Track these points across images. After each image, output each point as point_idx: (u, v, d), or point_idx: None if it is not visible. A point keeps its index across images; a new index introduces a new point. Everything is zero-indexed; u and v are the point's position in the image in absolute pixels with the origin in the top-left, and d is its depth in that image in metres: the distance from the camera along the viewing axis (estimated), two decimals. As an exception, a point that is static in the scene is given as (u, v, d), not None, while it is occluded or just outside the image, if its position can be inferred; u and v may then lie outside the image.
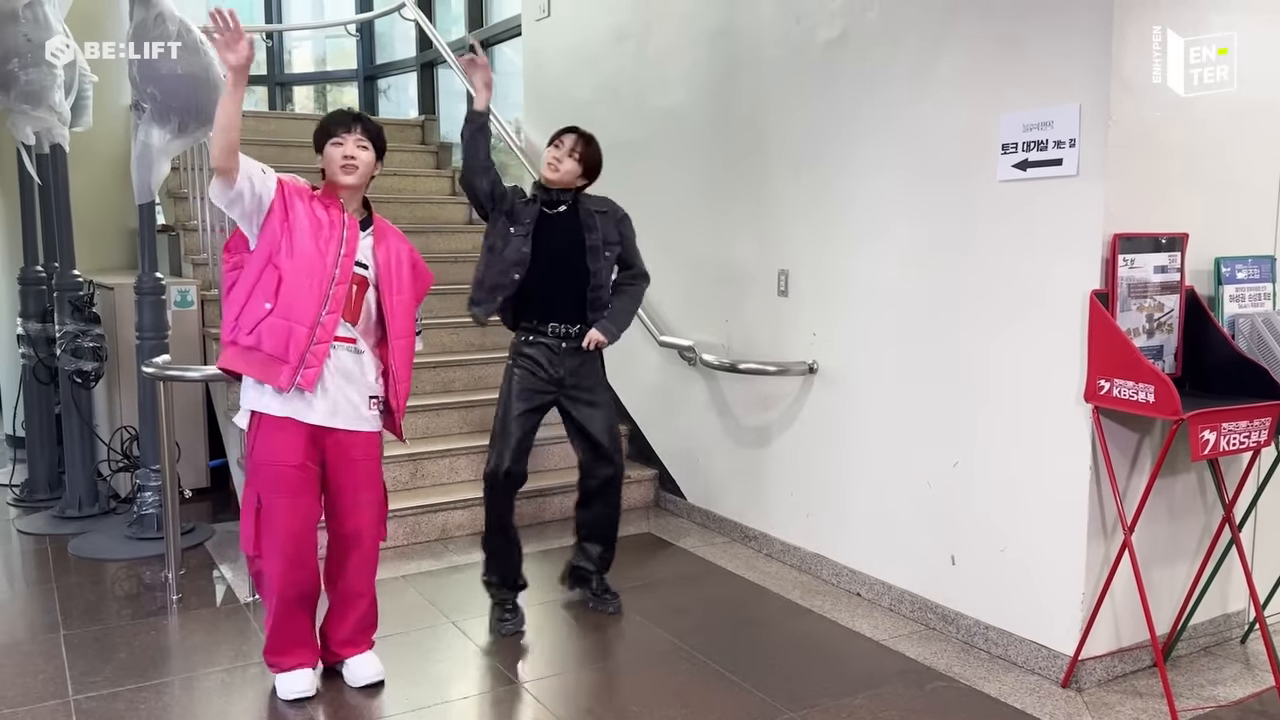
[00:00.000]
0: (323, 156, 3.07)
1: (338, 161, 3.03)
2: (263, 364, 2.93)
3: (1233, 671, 3.37)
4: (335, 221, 3.02)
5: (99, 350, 4.91)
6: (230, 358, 2.98)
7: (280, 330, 2.92)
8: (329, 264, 2.97)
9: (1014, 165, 3.26)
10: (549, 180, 3.67)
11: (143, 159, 4.34)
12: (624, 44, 5.33)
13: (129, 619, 3.77)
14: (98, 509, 5.03)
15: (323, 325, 2.96)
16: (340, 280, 2.99)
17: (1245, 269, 3.30)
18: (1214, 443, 2.86)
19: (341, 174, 3.03)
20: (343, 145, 3.03)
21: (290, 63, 9.73)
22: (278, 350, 2.92)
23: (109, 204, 6.25)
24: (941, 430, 3.61)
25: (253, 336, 2.93)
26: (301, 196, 3.02)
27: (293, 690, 3.15)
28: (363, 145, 3.05)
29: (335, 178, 3.04)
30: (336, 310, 2.99)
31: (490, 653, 3.53)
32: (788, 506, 4.38)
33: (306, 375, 2.94)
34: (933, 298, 3.62)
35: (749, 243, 4.48)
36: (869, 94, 3.85)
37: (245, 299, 2.95)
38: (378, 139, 3.12)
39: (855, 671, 3.36)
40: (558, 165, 3.65)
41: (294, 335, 2.92)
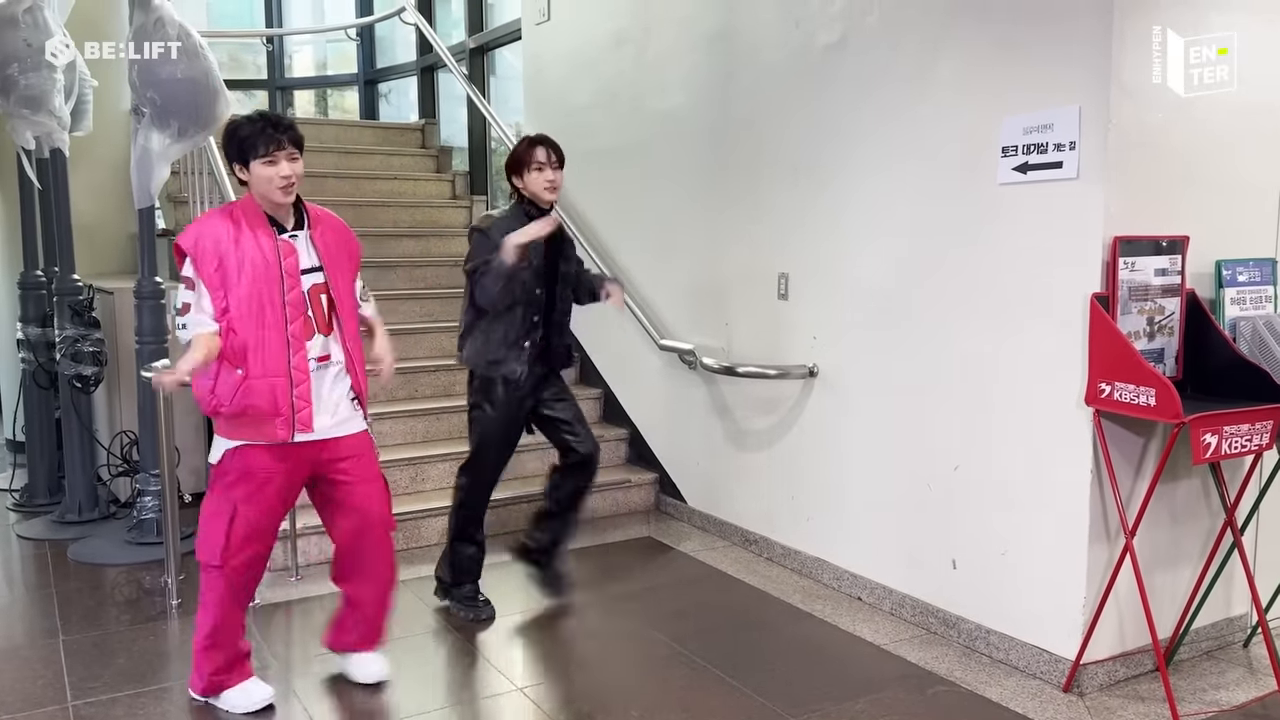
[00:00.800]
0: (246, 171, 2.89)
1: (274, 183, 2.87)
2: (254, 424, 2.89)
3: (1235, 675, 3.36)
4: (269, 251, 2.88)
5: (99, 355, 4.91)
6: (224, 428, 2.94)
7: (261, 389, 2.86)
8: (278, 306, 2.87)
9: (1014, 168, 3.26)
10: (551, 203, 3.65)
11: (142, 163, 4.34)
12: (623, 48, 5.33)
13: (128, 624, 3.76)
14: (97, 514, 5.03)
15: (296, 368, 2.91)
16: (294, 317, 2.90)
17: (1246, 272, 3.29)
18: (1215, 446, 2.85)
19: (281, 195, 2.89)
20: (277, 165, 2.86)
21: (291, 67, 9.74)
22: (266, 408, 2.87)
23: (109, 208, 6.24)
24: (942, 434, 3.60)
25: (235, 404, 2.87)
26: (224, 241, 2.84)
27: (258, 699, 3.08)
28: (294, 158, 2.91)
29: (271, 197, 2.89)
30: (301, 348, 2.91)
31: (489, 657, 3.52)
32: (789, 510, 4.37)
33: (302, 418, 2.92)
34: (933, 301, 3.61)
35: (749, 246, 4.48)
36: (869, 97, 3.84)
37: (216, 370, 2.87)
38: (303, 144, 2.96)
39: (856, 676, 3.34)
40: (554, 185, 3.63)
41: (276, 389, 2.88)
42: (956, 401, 3.54)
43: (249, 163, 2.88)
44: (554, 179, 3.62)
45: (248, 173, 2.90)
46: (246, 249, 2.86)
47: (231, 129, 2.91)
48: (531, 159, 3.60)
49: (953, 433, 3.56)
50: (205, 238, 2.84)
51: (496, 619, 3.81)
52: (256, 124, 2.87)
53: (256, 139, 2.85)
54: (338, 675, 3.32)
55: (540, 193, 3.60)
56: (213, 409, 2.91)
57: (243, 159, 2.89)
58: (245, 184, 2.95)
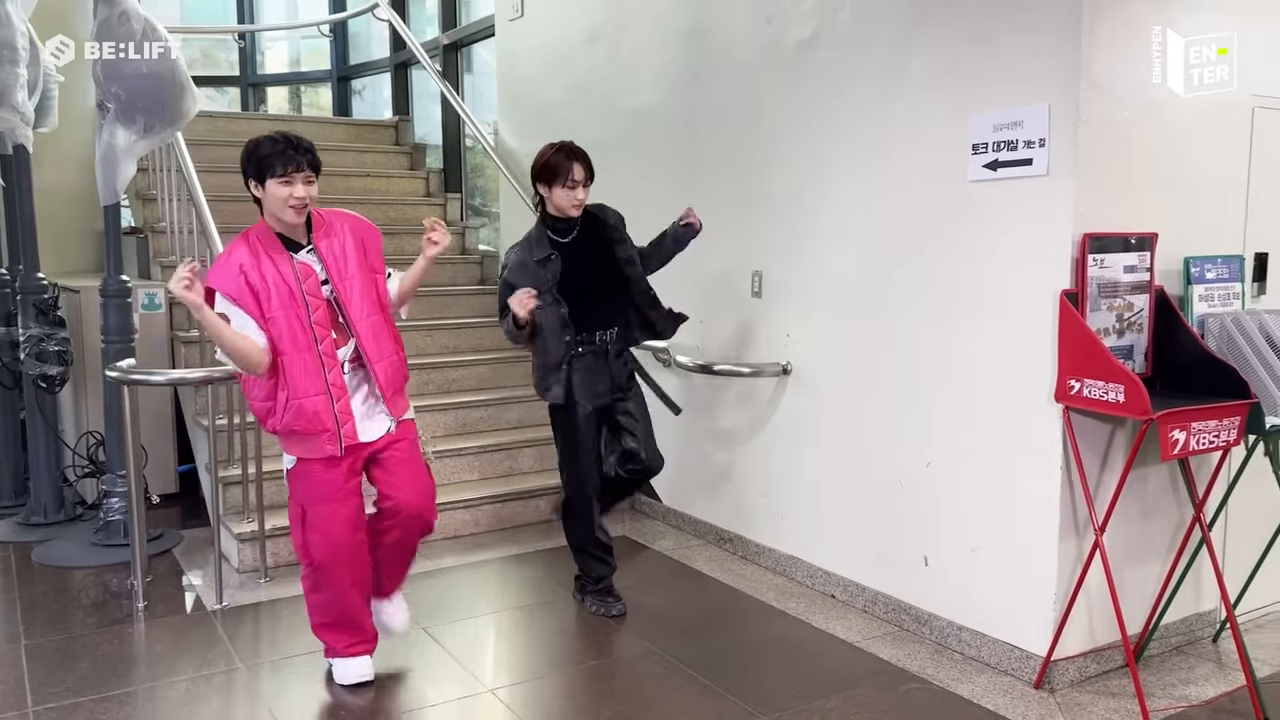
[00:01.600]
0: (261, 189, 2.96)
1: (287, 202, 2.94)
2: (303, 441, 3.03)
3: (1205, 671, 3.38)
4: (289, 277, 2.98)
5: (64, 354, 4.83)
6: (283, 443, 3.12)
7: (307, 409, 2.98)
8: (307, 327, 2.98)
9: (984, 165, 3.26)
10: (572, 216, 3.64)
11: (107, 160, 4.28)
12: (597, 44, 5.30)
13: (93, 628, 3.71)
14: (63, 515, 4.96)
15: (333, 384, 3.02)
16: (322, 336, 3.00)
17: (1214, 269, 3.30)
18: (1184, 442, 2.86)
19: (293, 215, 2.97)
20: (292, 185, 2.93)
21: (263, 63, 9.64)
22: (313, 426, 2.99)
23: (74, 205, 6.16)
24: (914, 431, 3.60)
25: (286, 424, 3.01)
26: (252, 270, 2.94)
27: (352, 676, 3.22)
28: (310, 181, 2.98)
29: (283, 216, 2.97)
30: (335, 364, 3.03)
31: (460, 659, 3.48)
32: (762, 508, 4.36)
33: (347, 430, 3.03)
34: (905, 298, 3.61)
35: (723, 244, 4.46)
36: (841, 94, 3.83)
37: (273, 391, 3.01)
38: (320, 168, 3.05)
39: (828, 674, 3.34)
40: (582, 203, 3.63)
41: (319, 407, 2.99)
42: (928, 398, 3.54)
43: (265, 181, 2.94)
44: (583, 198, 3.62)
45: (262, 190, 2.95)
46: (269, 275, 2.95)
47: (252, 146, 2.97)
48: (567, 174, 3.56)
49: (924, 430, 3.56)
50: (233, 270, 2.94)
51: (469, 619, 3.79)
52: (278, 144, 2.93)
53: (275, 159, 2.92)
54: (308, 678, 3.29)
55: (568, 209, 3.60)
56: (272, 428, 3.08)
57: (259, 177, 2.95)
58: (259, 203, 3.02)
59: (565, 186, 3.56)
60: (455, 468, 5.01)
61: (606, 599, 3.84)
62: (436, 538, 4.68)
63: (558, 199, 3.59)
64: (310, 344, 2.98)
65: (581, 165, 3.58)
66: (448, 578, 4.26)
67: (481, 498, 4.84)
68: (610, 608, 3.81)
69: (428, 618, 3.80)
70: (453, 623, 3.77)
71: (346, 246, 3.10)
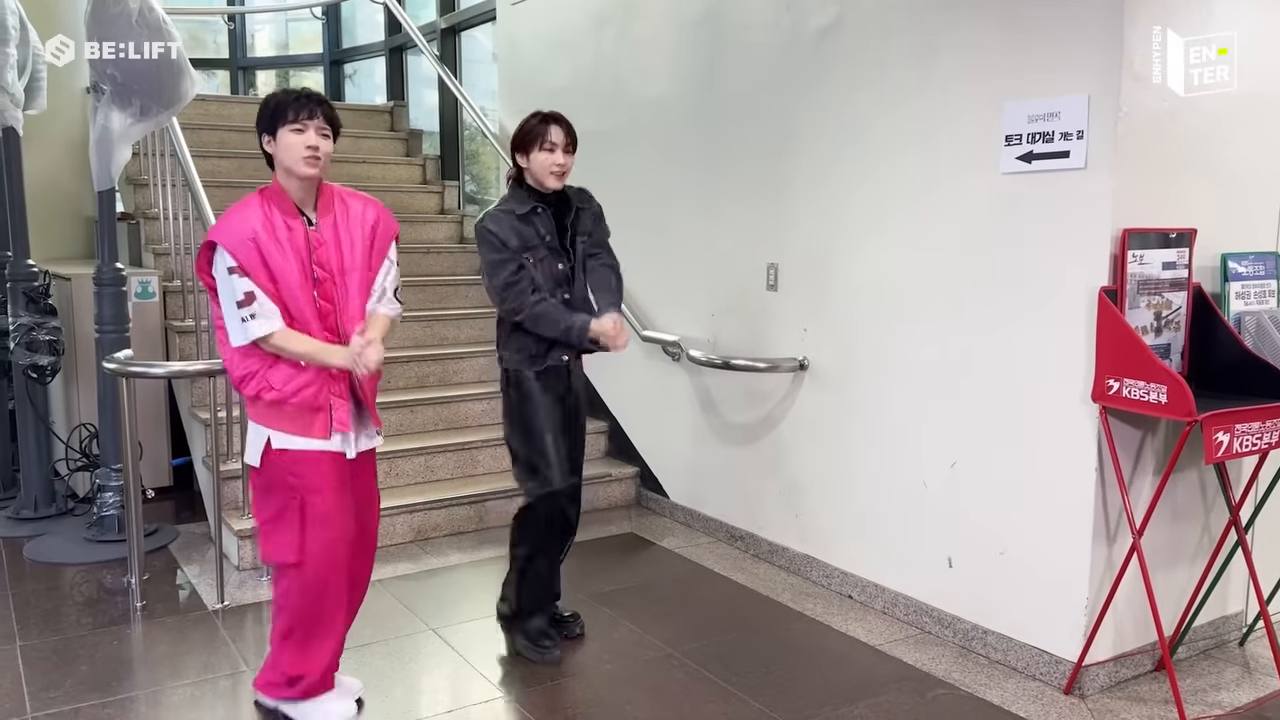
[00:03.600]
0: (273, 140, 2.75)
1: (299, 151, 2.71)
2: (293, 416, 2.76)
3: (1233, 675, 3.32)
4: (299, 241, 2.75)
5: (55, 344, 4.69)
6: (260, 414, 2.79)
7: (310, 379, 2.75)
8: (312, 300, 2.76)
9: (1018, 157, 3.17)
10: (553, 190, 3.28)
11: (102, 143, 4.13)
12: (604, 30, 5.18)
13: (90, 628, 3.58)
14: (55, 510, 4.82)
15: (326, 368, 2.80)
16: (325, 313, 2.78)
17: (1249, 265, 3.23)
18: (1227, 445, 2.78)
19: (304, 165, 2.72)
20: (305, 133, 2.72)
21: (253, 46, 9.45)
22: (308, 400, 2.75)
23: (65, 190, 6.00)
24: (939, 429, 3.52)
25: (281, 391, 2.74)
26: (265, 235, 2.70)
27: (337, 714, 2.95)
28: (325, 133, 2.76)
29: (295, 168, 2.73)
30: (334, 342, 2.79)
31: (473, 663, 3.38)
32: (776, 506, 4.27)
33: (339, 416, 2.80)
34: (930, 293, 3.52)
35: (736, 236, 4.36)
36: (865, 83, 3.73)
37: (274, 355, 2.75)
38: (337, 127, 2.83)
39: (853, 679, 3.26)
40: (563, 170, 3.26)
41: (321, 380, 2.77)
42: (954, 397, 3.45)
43: (277, 130, 2.73)
44: (563, 164, 3.23)
45: (275, 143, 2.75)
46: (281, 235, 2.72)
47: (266, 98, 2.81)
48: (542, 137, 3.21)
49: (950, 429, 3.48)
50: (245, 233, 2.69)
51: (480, 619, 3.68)
52: (291, 93, 2.76)
53: (289, 105, 2.73)
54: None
55: (544, 177, 3.22)
56: (254, 391, 2.76)
57: (271, 127, 2.75)
58: (270, 162, 2.80)
59: (543, 149, 3.21)
60: (459, 462, 4.89)
61: (541, 642, 3.37)
62: (440, 534, 4.59)
63: (535, 165, 3.22)
64: (315, 316, 2.75)
65: (561, 129, 3.24)
66: (454, 576, 4.15)
67: (486, 493, 4.72)
68: (546, 653, 3.34)
69: (436, 618, 3.69)
70: (462, 624, 3.67)
71: (354, 233, 2.84)
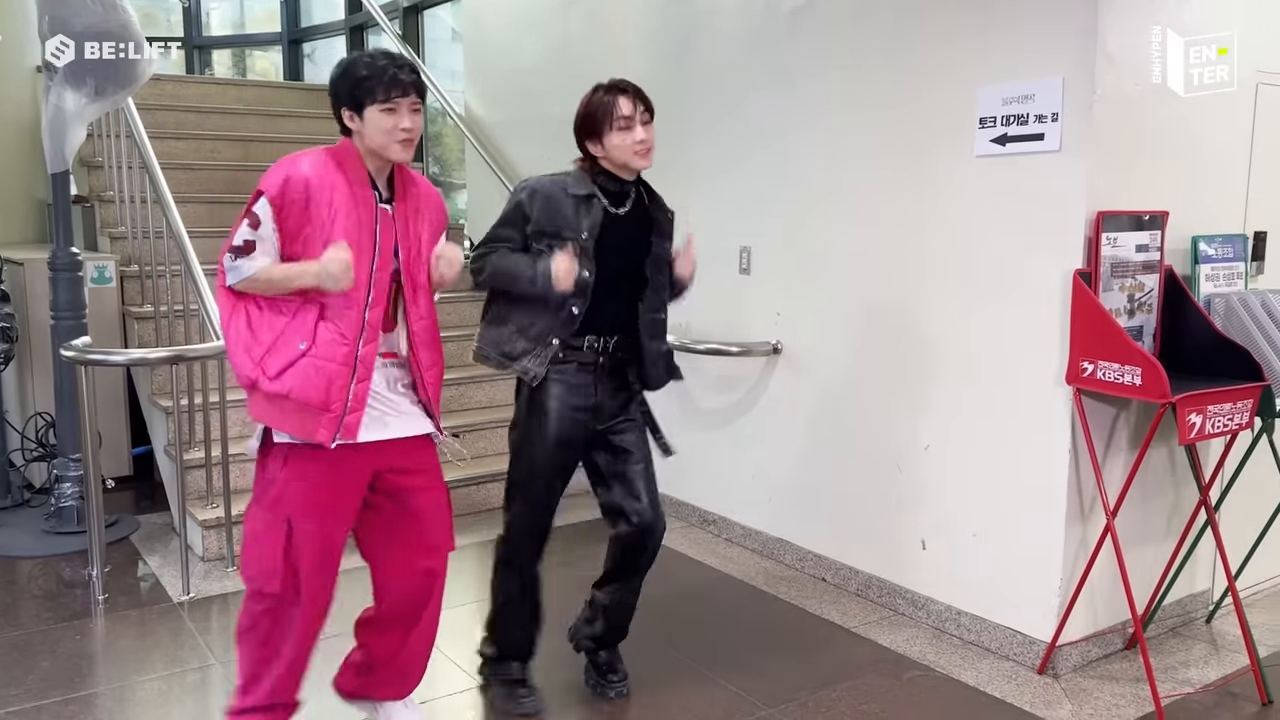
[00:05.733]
0: (356, 117, 2.39)
1: (391, 134, 2.37)
2: (296, 414, 2.38)
3: (1201, 652, 3.37)
4: (366, 215, 2.40)
5: (8, 331, 4.55)
6: (259, 409, 2.42)
7: (315, 372, 2.36)
8: (363, 282, 2.39)
9: (992, 140, 3.16)
10: (641, 168, 2.77)
11: (55, 124, 4.00)
12: (573, 9, 5.11)
13: (50, 623, 3.49)
14: (10, 501, 4.69)
15: (363, 361, 2.41)
16: (376, 301, 2.42)
17: (1219, 247, 3.26)
18: (1200, 426, 2.81)
19: (400, 150, 2.40)
20: (398, 114, 2.37)
21: (208, 24, 9.24)
22: (314, 398, 2.36)
23: (14, 173, 5.81)
24: (913, 412, 3.52)
25: (280, 382, 2.36)
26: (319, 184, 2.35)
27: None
28: (417, 109, 2.42)
29: (387, 153, 2.40)
30: (375, 338, 2.44)
31: (448, 652, 3.34)
32: (749, 490, 4.26)
33: (350, 421, 2.40)
34: (904, 276, 3.51)
35: (708, 219, 4.32)
36: (838, 64, 3.71)
37: (280, 332, 2.39)
38: (425, 94, 2.49)
39: (828, 662, 3.26)
40: (649, 146, 2.73)
41: (334, 377, 2.37)
42: (928, 380, 3.46)
43: (363, 108, 2.38)
44: (645, 138, 2.70)
45: (359, 120, 2.40)
46: (341, 201, 2.37)
47: (347, 65, 2.43)
48: (614, 113, 2.67)
49: (923, 412, 3.48)
50: (297, 176, 2.36)
51: (447, 609, 3.63)
52: (379, 62, 2.39)
53: (377, 80, 2.37)
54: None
55: (631, 159, 2.70)
56: (252, 377, 2.37)
57: (356, 103, 2.39)
58: (348, 135, 2.44)
59: (618, 127, 2.68)
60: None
61: (516, 691, 2.95)
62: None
63: (615, 150, 2.69)
64: (359, 301, 2.39)
65: (628, 98, 2.70)
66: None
67: (452, 480, 4.66)
68: (520, 705, 2.92)
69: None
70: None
71: (423, 223, 2.52)
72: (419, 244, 2.50)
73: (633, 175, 2.80)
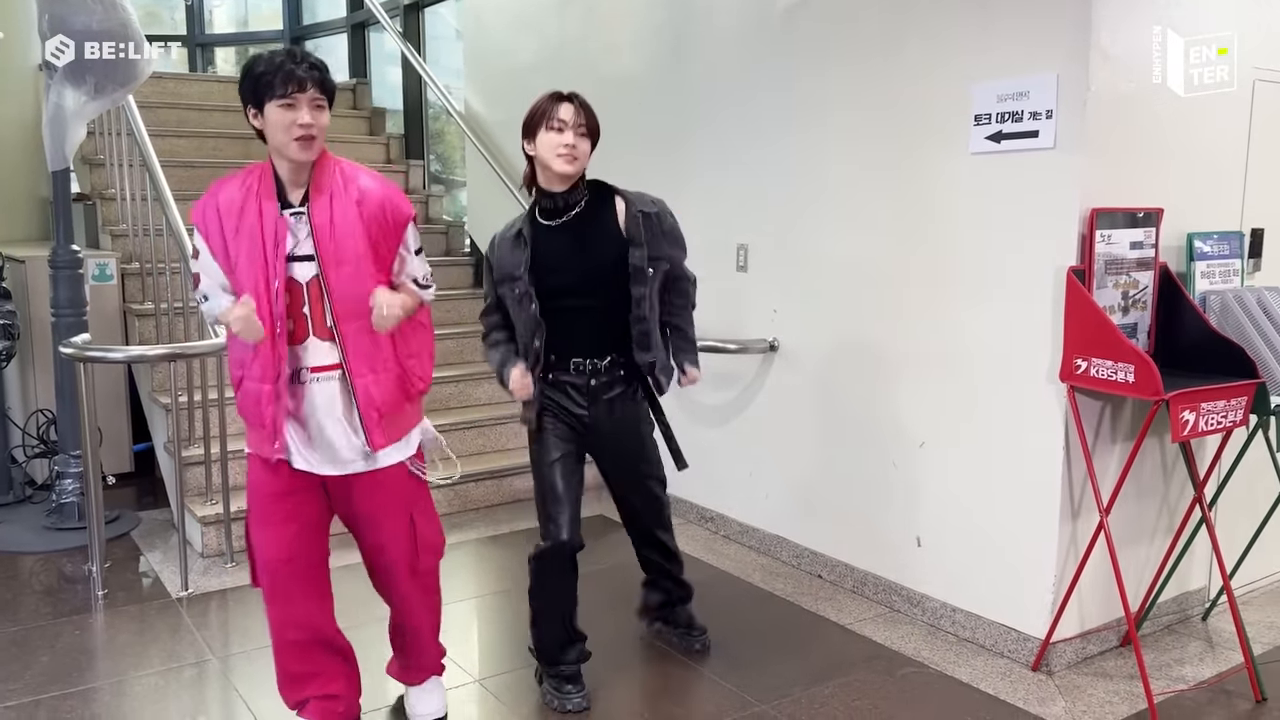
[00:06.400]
0: (259, 115, 2.38)
1: (289, 131, 2.33)
2: (249, 428, 2.53)
3: (1196, 649, 3.36)
4: (266, 227, 2.38)
5: (10, 328, 4.58)
6: None
7: (251, 393, 2.46)
8: (265, 312, 2.37)
9: (987, 137, 3.16)
10: (567, 176, 2.77)
11: (55, 122, 4.01)
12: (570, 7, 5.11)
13: (50, 618, 3.51)
14: (12, 497, 4.72)
15: (281, 376, 2.43)
16: (281, 329, 2.40)
17: (1215, 245, 3.25)
18: (1193, 423, 2.80)
19: (297, 149, 2.35)
20: (295, 109, 2.33)
21: (211, 22, 9.26)
22: (252, 416, 2.47)
23: (16, 170, 5.84)
24: (908, 410, 3.52)
25: (238, 397, 2.51)
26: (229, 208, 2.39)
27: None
28: (320, 105, 2.38)
29: (285, 151, 2.36)
30: (281, 361, 2.42)
31: (448, 650, 3.35)
32: (746, 487, 4.27)
33: (280, 445, 2.47)
34: (900, 273, 3.52)
35: (705, 217, 4.33)
36: (834, 61, 3.71)
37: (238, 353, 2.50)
38: (333, 92, 2.44)
39: (823, 658, 3.27)
40: (574, 153, 2.74)
41: (261, 397, 2.44)
42: (923, 377, 3.46)
43: (264, 105, 2.36)
44: (573, 144, 2.72)
45: (262, 118, 2.38)
46: (247, 220, 2.38)
47: (247, 66, 2.41)
48: (552, 115, 2.72)
49: (919, 409, 3.49)
50: (211, 204, 2.42)
51: (451, 603, 3.64)
52: (277, 59, 2.35)
53: (274, 76, 2.33)
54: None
55: (551, 160, 2.72)
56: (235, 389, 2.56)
57: (257, 101, 2.37)
58: (262, 136, 2.43)
59: (550, 129, 2.72)
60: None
61: (563, 688, 2.95)
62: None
63: (541, 148, 2.74)
64: (269, 316, 2.38)
65: (572, 106, 2.75)
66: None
67: (447, 480, 4.68)
68: (566, 700, 2.93)
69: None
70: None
71: (350, 217, 2.43)
72: (350, 243, 2.43)
73: (564, 185, 2.81)
